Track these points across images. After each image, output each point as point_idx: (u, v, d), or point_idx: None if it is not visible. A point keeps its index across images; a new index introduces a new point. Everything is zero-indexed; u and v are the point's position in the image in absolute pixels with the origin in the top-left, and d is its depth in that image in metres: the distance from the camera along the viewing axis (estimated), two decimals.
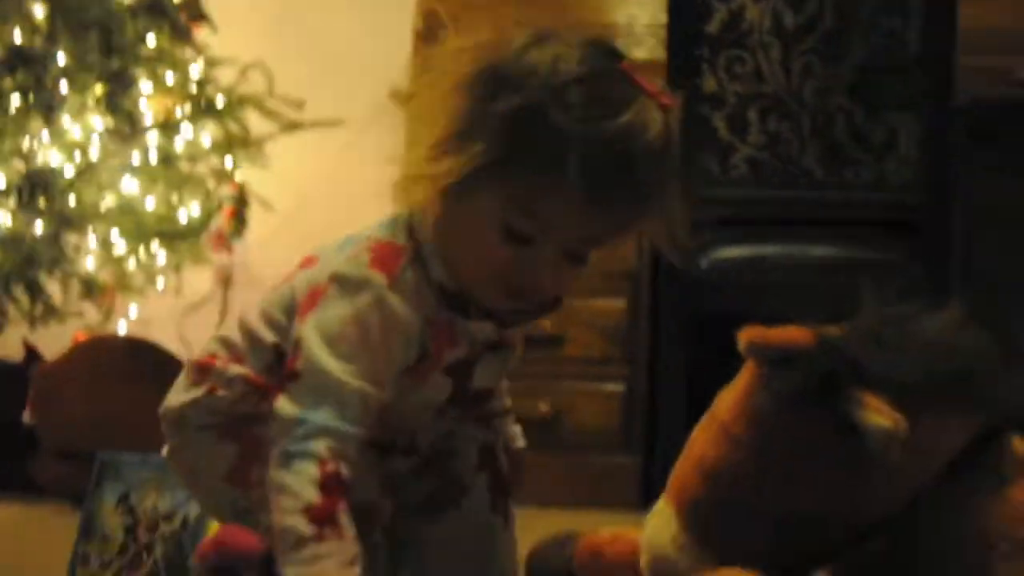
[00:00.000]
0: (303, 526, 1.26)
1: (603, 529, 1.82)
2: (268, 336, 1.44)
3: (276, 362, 1.42)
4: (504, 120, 1.32)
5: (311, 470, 1.27)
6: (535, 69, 1.32)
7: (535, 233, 1.33)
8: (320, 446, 1.28)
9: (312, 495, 1.26)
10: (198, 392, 1.45)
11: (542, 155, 1.30)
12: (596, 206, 1.33)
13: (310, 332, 1.35)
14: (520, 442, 1.62)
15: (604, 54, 1.36)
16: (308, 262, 1.45)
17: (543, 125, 1.30)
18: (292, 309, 1.42)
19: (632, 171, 1.32)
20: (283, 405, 1.32)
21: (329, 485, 1.27)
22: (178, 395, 1.47)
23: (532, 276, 1.36)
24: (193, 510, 1.95)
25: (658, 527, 1.55)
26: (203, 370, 1.46)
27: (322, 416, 1.30)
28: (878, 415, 1.39)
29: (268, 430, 1.37)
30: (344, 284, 1.36)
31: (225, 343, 1.47)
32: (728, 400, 1.56)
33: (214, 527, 1.92)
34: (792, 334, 1.46)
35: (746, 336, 1.46)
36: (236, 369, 1.44)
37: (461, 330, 1.42)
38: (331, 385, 1.31)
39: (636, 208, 1.37)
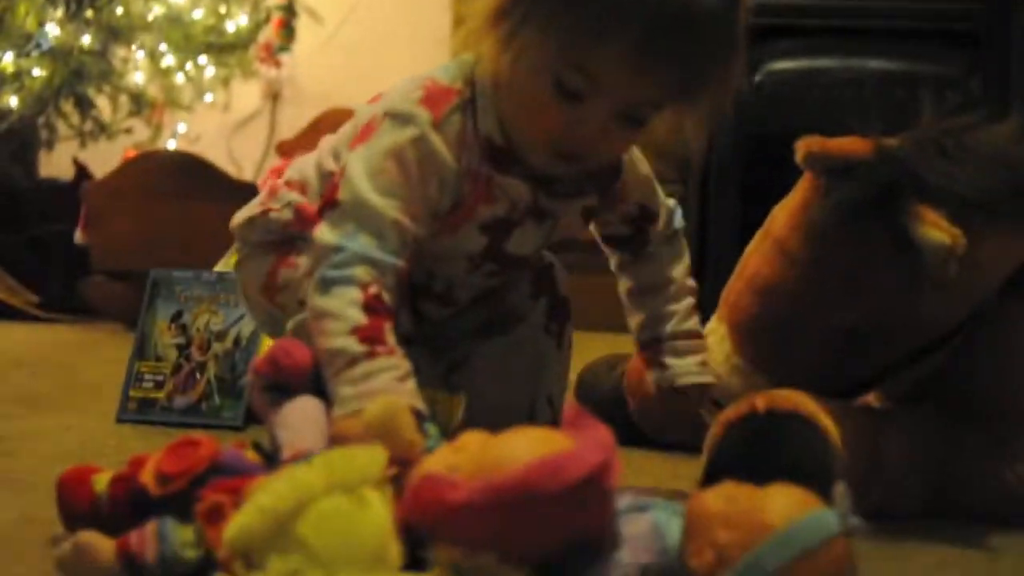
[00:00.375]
0: (353, 345, 1.24)
1: None
2: (331, 165, 1.45)
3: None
4: None
5: (353, 293, 1.26)
6: None
7: (586, 89, 1.29)
8: (360, 271, 1.27)
9: (358, 316, 1.25)
10: (256, 211, 1.47)
11: (594, 7, 1.26)
12: (649, 65, 1.27)
13: (355, 162, 1.33)
14: (690, 378, 1.53)
15: None
16: (375, 98, 1.44)
17: None
18: (350, 141, 1.41)
19: (690, 30, 1.26)
20: (322, 232, 1.30)
21: (373, 306, 1.26)
22: (244, 212, 1.50)
23: (581, 134, 1.31)
24: (246, 329, 1.96)
25: (711, 347, 1.54)
26: (272, 191, 1.48)
27: (361, 244, 1.28)
28: (936, 230, 1.37)
29: (302, 245, 1.39)
30: (393, 118, 1.35)
31: (301, 172, 1.48)
32: (783, 215, 1.54)
33: (267, 344, 1.94)
34: (851, 144, 1.44)
35: (804, 146, 1.44)
36: (293, 195, 1.45)
37: (500, 188, 1.39)
38: (371, 215, 1.30)
39: (694, 73, 1.30)
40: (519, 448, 1.01)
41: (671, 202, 1.56)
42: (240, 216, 1.49)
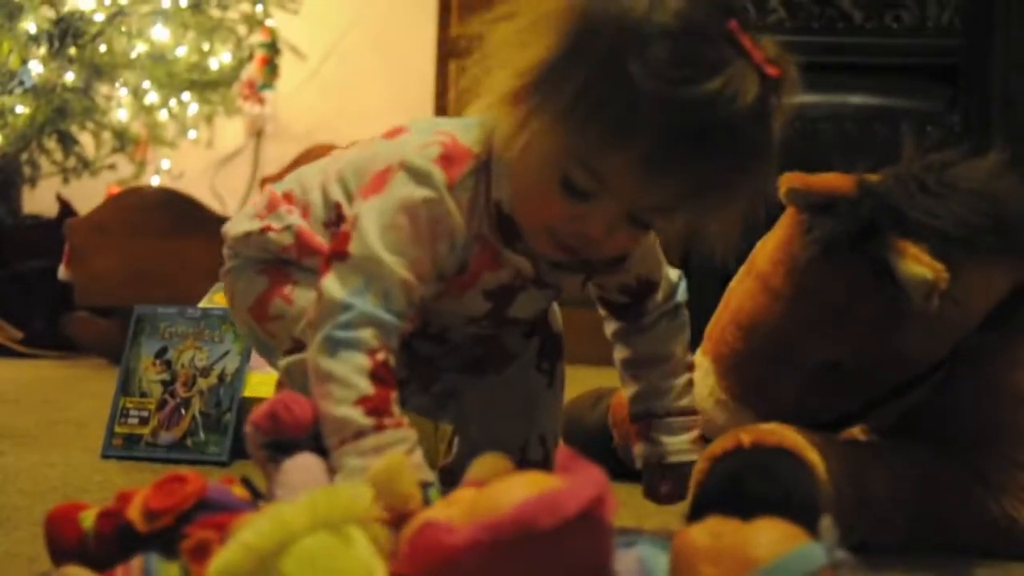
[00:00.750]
0: (360, 418, 1.22)
1: None
2: (336, 194, 1.42)
3: (335, 222, 1.41)
4: (578, 64, 1.22)
5: (361, 360, 1.24)
6: (627, 13, 1.22)
7: (593, 189, 1.25)
8: (368, 335, 1.25)
9: (365, 386, 1.23)
10: (255, 226, 1.44)
11: (609, 110, 1.21)
12: (661, 175, 1.23)
13: (368, 215, 1.30)
14: (681, 456, 1.51)
15: (711, 5, 1.23)
16: (394, 132, 1.41)
17: (617, 77, 1.20)
18: (363, 177, 1.38)
19: (709, 143, 1.21)
20: (330, 285, 1.28)
21: (380, 375, 1.24)
22: (241, 223, 1.46)
23: (584, 231, 1.28)
24: (231, 365, 1.96)
25: (695, 382, 1.54)
26: (271, 205, 1.45)
27: (368, 303, 1.26)
28: (919, 264, 1.37)
29: (297, 272, 1.39)
30: (408, 172, 1.32)
31: (302, 186, 1.45)
32: (766, 250, 1.55)
33: (253, 381, 1.94)
34: (833, 180, 1.45)
35: (787, 182, 1.44)
36: (294, 219, 1.42)
37: (507, 256, 1.37)
38: (381, 272, 1.28)
39: (709, 185, 1.25)
40: (513, 491, 1.01)
41: (675, 274, 1.53)
42: (236, 228, 1.46)
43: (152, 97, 3.61)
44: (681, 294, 1.53)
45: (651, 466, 1.52)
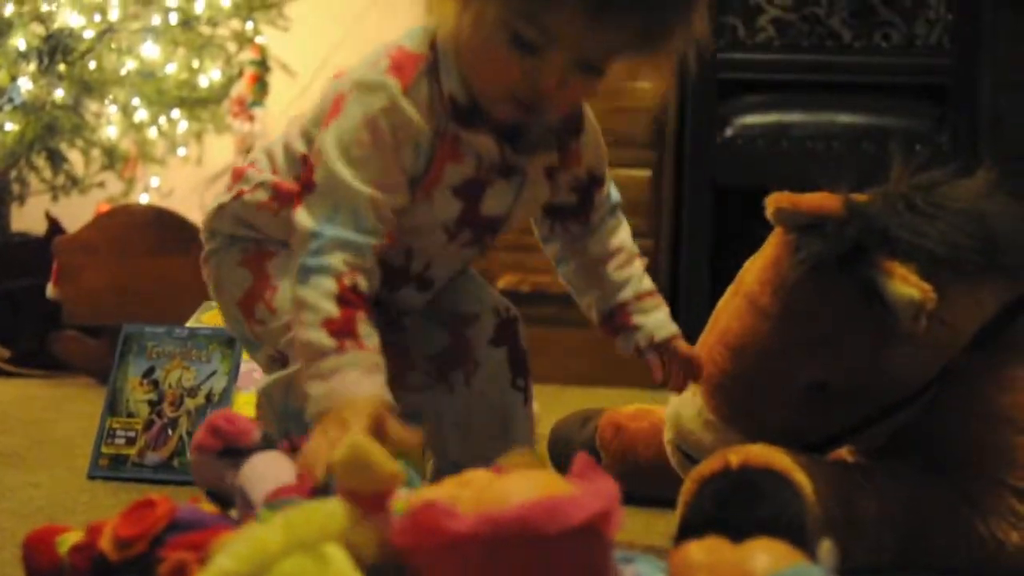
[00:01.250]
0: (324, 339, 1.28)
1: (626, 405, 1.82)
2: (300, 147, 1.47)
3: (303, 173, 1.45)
4: None
5: (328, 284, 1.30)
6: None
7: (541, 42, 1.31)
8: (336, 260, 1.31)
9: (331, 308, 1.29)
10: (227, 197, 1.50)
11: None
12: (602, 16, 1.29)
13: (328, 140, 1.36)
14: (665, 331, 1.55)
15: None
16: (339, 74, 1.46)
17: None
18: (320, 120, 1.43)
19: None
20: (300, 216, 1.34)
21: (347, 298, 1.29)
22: (214, 200, 1.52)
23: (540, 85, 1.33)
24: (218, 385, 1.95)
25: (683, 402, 1.54)
26: (237, 175, 1.50)
27: (337, 228, 1.32)
28: (906, 285, 1.38)
29: (271, 264, 1.45)
30: (362, 88, 1.37)
31: (269, 154, 1.51)
32: (754, 271, 1.54)
33: (240, 401, 1.94)
34: (821, 200, 1.45)
35: (774, 202, 1.44)
36: (265, 175, 1.48)
37: (466, 144, 1.41)
38: (346, 194, 1.33)
39: (651, 25, 1.32)
40: (522, 488, 1.00)
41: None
42: (211, 206, 1.51)
43: (142, 114, 3.60)
44: (616, 195, 1.60)
45: (644, 351, 1.55)
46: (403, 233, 1.41)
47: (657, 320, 1.55)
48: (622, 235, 1.59)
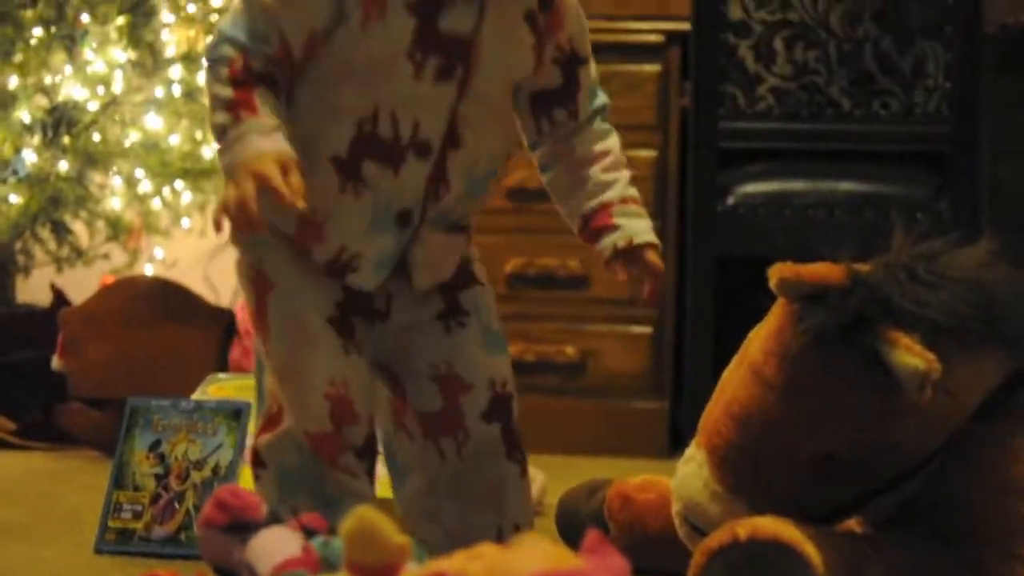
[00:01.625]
0: (223, 118, 1.39)
1: (633, 476, 1.82)
2: None
3: None
4: None
5: (223, 71, 1.41)
6: None
7: None
8: (226, 49, 1.41)
9: (228, 92, 1.39)
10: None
11: None
12: None
13: None
14: (646, 236, 1.56)
15: None
16: None
17: None
18: None
19: None
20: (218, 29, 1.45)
21: (239, 79, 1.39)
22: None
23: None
24: (224, 458, 1.95)
25: (689, 474, 1.54)
26: None
27: (235, 30, 1.41)
28: (911, 355, 1.38)
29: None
30: None
31: None
32: (758, 341, 1.55)
33: (247, 474, 1.94)
34: (824, 270, 1.45)
35: (777, 272, 1.45)
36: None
37: None
38: (249, 3, 1.42)
39: None
40: (533, 560, 1.00)
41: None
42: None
43: (146, 186, 3.61)
44: (603, 96, 1.60)
45: (620, 253, 1.54)
46: (365, 75, 1.45)
47: (639, 225, 1.55)
48: (610, 142, 1.59)
